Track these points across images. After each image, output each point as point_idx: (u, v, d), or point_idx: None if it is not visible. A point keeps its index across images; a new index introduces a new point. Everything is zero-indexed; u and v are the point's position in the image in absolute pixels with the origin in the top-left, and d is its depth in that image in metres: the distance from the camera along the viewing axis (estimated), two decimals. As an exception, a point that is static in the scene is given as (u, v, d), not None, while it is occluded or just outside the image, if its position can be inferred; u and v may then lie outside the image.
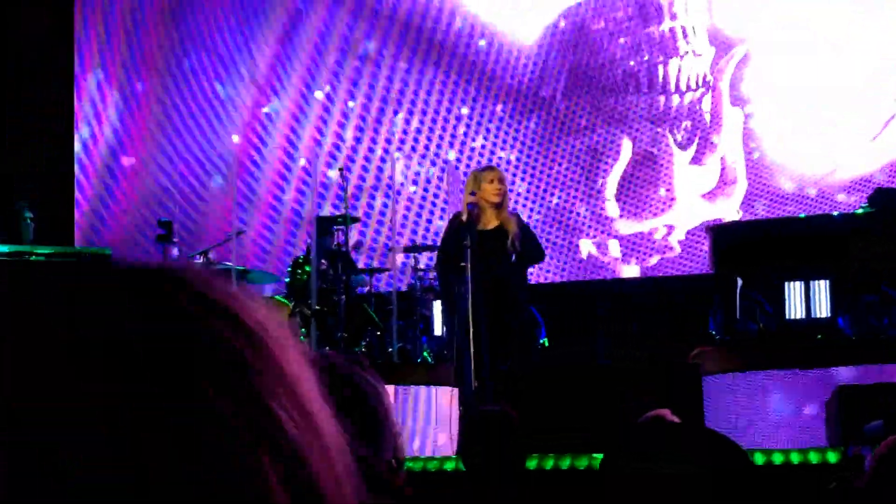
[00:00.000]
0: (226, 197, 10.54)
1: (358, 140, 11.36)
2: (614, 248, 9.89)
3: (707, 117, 9.81)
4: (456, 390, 7.40)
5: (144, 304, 0.68)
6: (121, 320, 0.67)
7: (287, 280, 9.56)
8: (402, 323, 8.94)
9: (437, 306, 9.14)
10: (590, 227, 9.98)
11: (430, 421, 7.28)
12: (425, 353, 8.84)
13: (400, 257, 9.59)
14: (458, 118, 10.71)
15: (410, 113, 11.01)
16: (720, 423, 6.27)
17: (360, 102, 11.19)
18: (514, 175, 10.26)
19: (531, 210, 10.21)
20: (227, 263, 9.32)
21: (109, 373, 0.65)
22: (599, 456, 6.05)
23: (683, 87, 9.76)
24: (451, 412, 7.23)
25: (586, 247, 9.95)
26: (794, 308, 7.28)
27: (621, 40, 9.98)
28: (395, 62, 10.88)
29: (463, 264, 7.28)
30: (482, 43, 10.39)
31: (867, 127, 9.55)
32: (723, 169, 9.72)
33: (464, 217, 7.51)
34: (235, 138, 11.32)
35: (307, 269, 9.10)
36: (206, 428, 0.64)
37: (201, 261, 9.55)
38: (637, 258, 9.87)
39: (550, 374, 7.68)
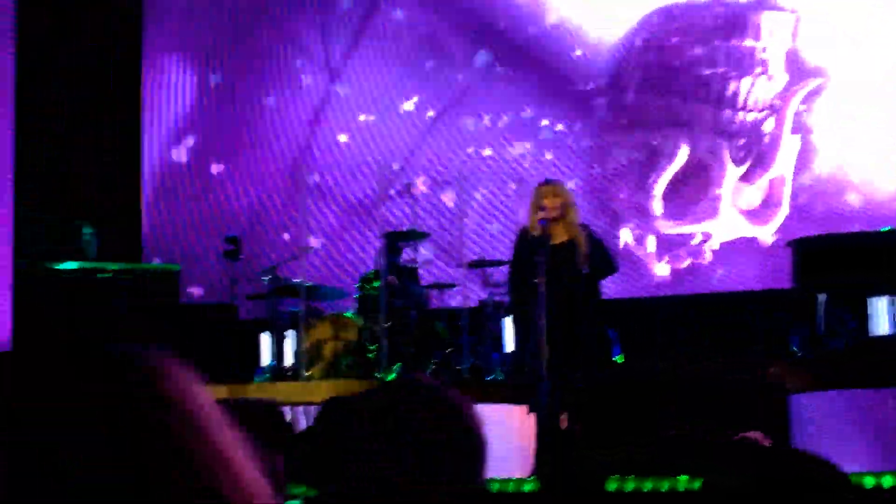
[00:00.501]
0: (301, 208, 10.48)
1: (425, 149, 11.26)
2: (651, 243, 10.05)
3: (766, 139, 9.86)
4: (529, 408, 7.23)
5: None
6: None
7: (356, 296, 9.45)
8: (472, 339, 8.79)
9: (508, 322, 8.98)
10: (633, 219, 10.12)
11: (504, 440, 7.10)
12: (498, 372, 8.68)
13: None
14: (535, 123, 10.69)
15: (479, 117, 10.93)
16: (806, 443, 6.04)
17: (438, 111, 11.13)
18: (574, 159, 10.38)
19: (583, 191, 10.26)
20: (296, 280, 9.24)
21: (109, 373, 0.69)
22: (682, 478, 5.84)
23: (750, 106, 9.88)
24: (525, 431, 7.06)
25: (625, 236, 10.09)
26: (880, 324, 7.04)
27: (699, 49, 10.02)
28: (472, 65, 10.86)
29: (535, 280, 7.13)
30: (578, 53, 10.47)
31: (887, 122, 9.56)
32: (770, 191, 9.80)
33: (536, 232, 7.37)
34: (343, 137, 11.27)
35: (376, 284, 8.99)
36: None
37: (269, 278, 9.47)
38: (670, 258, 9.97)
39: (625, 391, 7.46)
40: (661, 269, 9.98)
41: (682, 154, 9.98)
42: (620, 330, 8.61)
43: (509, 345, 8.87)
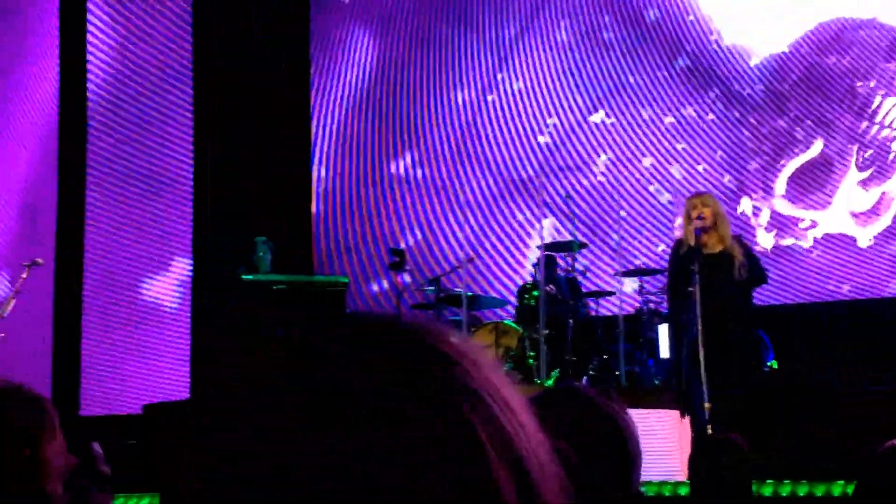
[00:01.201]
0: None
1: (584, 161, 11.39)
2: (764, 216, 10.59)
3: (891, 156, 10.23)
4: (682, 412, 7.30)
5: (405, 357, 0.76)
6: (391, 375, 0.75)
7: (516, 305, 9.62)
8: (629, 346, 8.87)
9: (663, 329, 9.03)
10: (755, 192, 10.66)
11: (659, 444, 7.18)
12: (655, 380, 8.74)
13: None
14: (702, 128, 11.01)
15: (659, 118, 11.16)
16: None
17: (610, 122, 11.37)
18: (734, 148, 10.83)
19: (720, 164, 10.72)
20: (458, 290, 9.46)
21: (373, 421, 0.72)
22: (838, 483, 5.86)
23: (886, 123, 10.24)
24: (681, 436, 7.14)
25: (745, 204, 10.64)
26: None
27: (856, 63, 10.49)
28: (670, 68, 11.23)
29: (690, 289, 7.19)
30: (754, 61, 10.91)
31: None
32: (879, 202, 10.19)
33: (691, 241, 7.43)
34: (542, 138, 11.55)
35: (535, 293, 9.14)
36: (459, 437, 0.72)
37: (433, 288, 9.72)
38: (777, 233, 10.51)
39: (779, 397, 7.46)
40: (765, 240, 10.51)
41: (816, 148, 10.50)
42: (771, 336, 8.58)
43: (664, 351, 8.92)
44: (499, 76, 11.88)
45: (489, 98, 11.87)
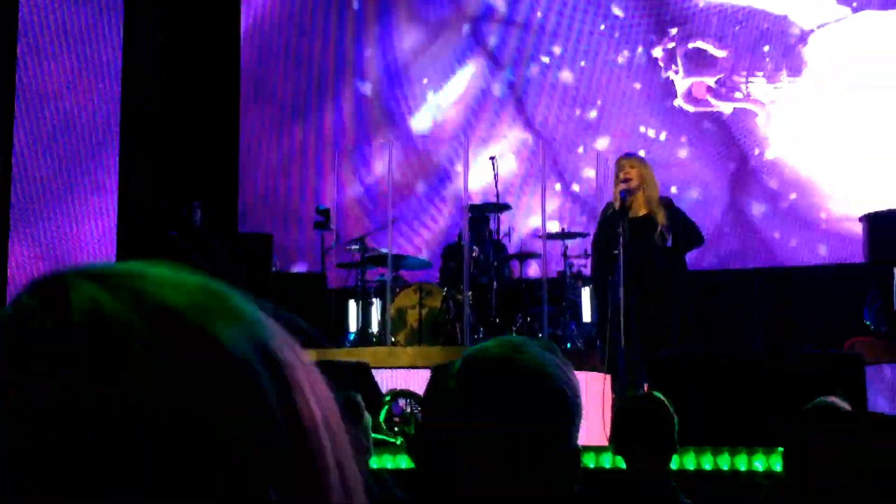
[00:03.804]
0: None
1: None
2: (659, 52, 11.28)
3: (723, 91, 10.94)
4: (608, 377, 7.03)
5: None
6: None
7: (440, 266, 9.32)
8: (552, 308, 8.61)
9: (585, 293, 8.78)
10: (671, 39, 11.32)
11: (584, 407, 6.92)
12: (577, 343, 8.49)
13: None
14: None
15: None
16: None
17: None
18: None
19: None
20: (383, 250, 9.13)
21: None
22: (757, 455, 5.62)
23: (748, 85, 11.00)
24: (603, 399, 6.88)
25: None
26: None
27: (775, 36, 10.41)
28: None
29: (615, 252, 6.92)
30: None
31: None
32: (700, 97, 11.14)
33: (616, 205, 7.14)
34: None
35: (459, 255, 8.84)
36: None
37: (357, 248, 9.38)
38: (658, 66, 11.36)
39: (700, 363, 7.21)
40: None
41: (721, 53, 11.16)
42: (695, 302, 8.36)
43: (587, 315, 8.68)
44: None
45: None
